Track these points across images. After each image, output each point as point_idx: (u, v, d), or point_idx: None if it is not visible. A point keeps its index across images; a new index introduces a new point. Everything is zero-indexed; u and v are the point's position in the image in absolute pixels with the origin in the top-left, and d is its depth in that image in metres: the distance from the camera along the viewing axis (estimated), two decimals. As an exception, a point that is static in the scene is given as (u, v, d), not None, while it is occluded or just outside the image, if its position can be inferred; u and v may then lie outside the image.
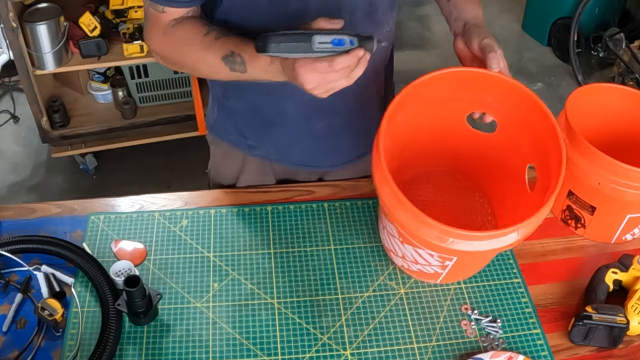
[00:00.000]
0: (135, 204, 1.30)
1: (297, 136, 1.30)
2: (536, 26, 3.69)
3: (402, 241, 1.09)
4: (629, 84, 3.19)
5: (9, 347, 1.05)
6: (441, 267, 1.09)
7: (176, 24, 1.12)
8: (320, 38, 0.90)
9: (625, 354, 1.10)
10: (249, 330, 1.10)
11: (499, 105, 1.12)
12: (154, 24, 1.13)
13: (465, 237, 0.98)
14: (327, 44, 0.90)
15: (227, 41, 1.06)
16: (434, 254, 1.05)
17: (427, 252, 1.06)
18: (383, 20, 1.22)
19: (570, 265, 1.24)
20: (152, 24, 1.14)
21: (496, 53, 1.06)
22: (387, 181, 0.99)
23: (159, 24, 1.12)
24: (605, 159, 1.16)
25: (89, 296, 1.13)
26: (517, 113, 1.10)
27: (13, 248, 1.15)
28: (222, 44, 1.06)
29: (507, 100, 1.10)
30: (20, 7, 2.33)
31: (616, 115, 1.31)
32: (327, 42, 0.90)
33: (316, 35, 0.90)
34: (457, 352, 1.09)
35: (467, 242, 0.98)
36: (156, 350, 1.06)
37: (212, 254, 1.21)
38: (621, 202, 1.20)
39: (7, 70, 2.98)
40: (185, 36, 1.10)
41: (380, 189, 1.03)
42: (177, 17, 1.12)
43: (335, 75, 0.94)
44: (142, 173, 2.81)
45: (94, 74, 2.78)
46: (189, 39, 1.10)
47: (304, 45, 0.90)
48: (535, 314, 1.15)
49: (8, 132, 2.99)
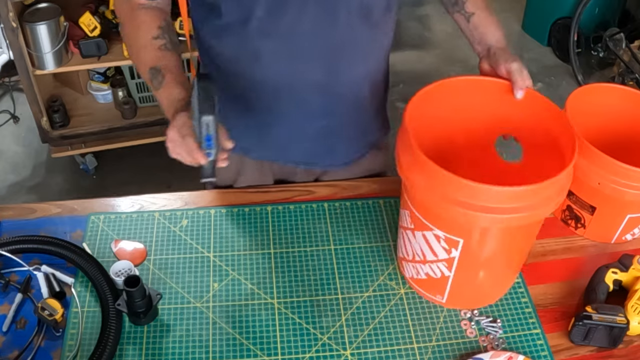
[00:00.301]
0: (135, 204, 1.30)
1: (293, 136, 1.30)
2: (536, 26, 3.69)
3: (414, 228, 1.08)
4: (629, 84, 3.19)
5: (9, 347, 1.05)
6: (447, 264, 1.08)
7: (140, 9, 1.16)
8: (210, 125, 0.95)
9: (625, 354, 1.10)
10: (249, 330, 1.10)
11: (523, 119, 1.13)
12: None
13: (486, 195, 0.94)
14: (205, 130, 0.95)
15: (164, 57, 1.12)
16: (440, 235, 1.03)
17: (434, 236, 1.04)
18: (380, 22, 1.22)
19: (570, 265, 1.24)
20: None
21: (523, 78, 1.11)
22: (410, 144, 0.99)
23: (129, 2, 1.16)
24: (605, 159, 1.16)
25: (89, 296, 1.13)
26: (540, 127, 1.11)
27: (13, 248, 1.15)
28: (159, 57, 1.12)
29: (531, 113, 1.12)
30: (20, 7, 2.33)
31: (616, 115, 1.31)
32: (206, 130, 0.95)
33: (212, 117, 0.95)
34: (457, 352, 1.09)
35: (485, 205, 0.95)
36: (156, 350, 1.06)
37: (212, 254, 1.21)
38: (621, 202, 1.20)
39: (7, 70, 2.98)
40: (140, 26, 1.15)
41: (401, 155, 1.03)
42: (144, 2, 1.16)
43: (181, 148, 1.02)
44: (142, 173, 2.81)
45: (94, 74, 2.78)
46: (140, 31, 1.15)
47: (205, 108, 0.95)
48: (535, 314, 1.15)
49: (8, 132, 2.99)
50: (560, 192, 0.99)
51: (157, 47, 1.13)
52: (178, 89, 1.07)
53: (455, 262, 1.06)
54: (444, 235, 1.03)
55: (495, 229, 1.01)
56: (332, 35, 1.17)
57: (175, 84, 1.08)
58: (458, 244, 1.03)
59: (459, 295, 1.13)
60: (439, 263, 1.08)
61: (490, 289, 1.16)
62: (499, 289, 1.17)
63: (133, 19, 1.16)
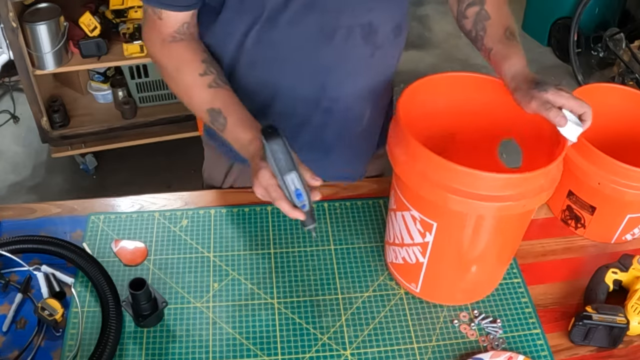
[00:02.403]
0: (135, 204, 1.30)
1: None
2: (536, 26, 3.69)
3: (396, 209, 1.08)
4: (629, 84, 3.19)
5: (9, 347, 1.05)
6: (422, 249, 1.07)
7: (174, 41, 1.11)
8: (294, 180, 0.97)
9: (625, 354, 1.10)
10: (249, 330, 1.10)
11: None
12: (151, 26, 1.13)
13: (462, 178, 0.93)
14: (292, 187, 0.97)
15: (219, 95, 1.09)
16: (417, 216, 1.03)
17: (411, 217, 1.04)
18: (385, 44, 1.19)
19: (570, 265, 1.24)
20: (150, 27, 1.13)
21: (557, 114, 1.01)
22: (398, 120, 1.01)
23: (157, 31, 1.12)
24: (605, 159, 1.16)
25: (89, 296, 1.13)
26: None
27: (13, 248, 1.15)
28: (214, 96, 1.09)
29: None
30: (20, 7, 2.33)
31: (616, 115, 1.31)
32: (293, 186, 0.97)
33: (295, 173, 0.96)
34: (457, 352, 1.09)
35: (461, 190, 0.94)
36: (156, 350, 1.06)
37: (212, 254, 1.21)
38: (621, 202, 1.20)
39: (7, 70, 2.98)
40: (182, 65, 1.11)
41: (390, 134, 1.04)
42: (175, 29, 1.11)
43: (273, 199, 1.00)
44: (142, 173, 2.81)
45: (94, 74, 2.78)
46: (184, 70, 1.11)
47: (283, 167, 0.96)
48: (535, 314, 1.15)
49: (8, 132, 2.99)
50: (546, 188, 0.98)
51: (207, 85, 1.10)
52: (244, 132, 1.06)
53: (429, 248, 1.06)
54: (420, 216, 1.03)
55: (471, 216, 0.99)
56: (325, 52, 1.14)
57: (241, 127, 1.06)
58: (432, 227, 1.03)
59: (433, 286, 1.13)
60: (414, 247, 1.08)
61: (466, 284, 1.14)
62: (476, 286, 1.15)
63: (170, 56, 1.12)
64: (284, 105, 1.21)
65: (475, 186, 0.94)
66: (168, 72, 1.14)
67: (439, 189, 0.95)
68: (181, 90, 1.14)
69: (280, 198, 0.98)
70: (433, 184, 0.95)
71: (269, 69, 1.17)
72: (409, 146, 0.98)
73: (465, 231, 1.02)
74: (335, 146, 1.30)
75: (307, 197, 0.99)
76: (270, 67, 1.17)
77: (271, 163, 0.97)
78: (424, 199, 1.00)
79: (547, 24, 3.59)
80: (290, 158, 0.96)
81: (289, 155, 0.96)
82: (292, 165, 0.96)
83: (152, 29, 1.13)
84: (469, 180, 0.93)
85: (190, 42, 1.14)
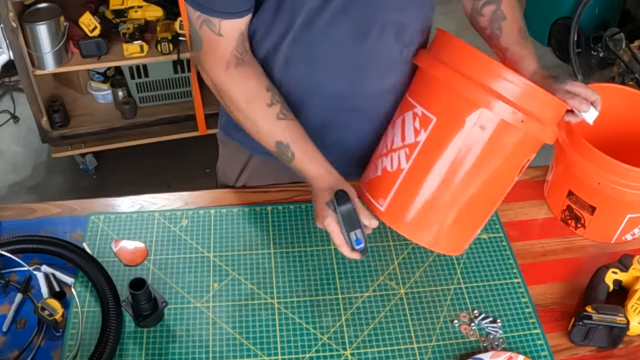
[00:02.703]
0: (135, 204, 1.30)
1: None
2: (536, 26, 3.68)
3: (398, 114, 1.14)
4: (629, 84, 3.19)
5: (9, 347, 1.05)
6: (408, 151, 1.08)
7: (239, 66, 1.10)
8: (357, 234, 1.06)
9: (625, 354, 1.10)
10: (249, 330, 1.10)
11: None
12: (211, 50, 1.09)
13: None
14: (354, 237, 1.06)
15: (287, 128, 1.13)
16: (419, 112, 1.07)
17: (412, 115, 1.08)
18: (413, 42, 1.19)
19: (570, 265, 1.24)
20: (210, 50, 1.10)
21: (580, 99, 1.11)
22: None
23: (218, 52, 1.09)
24: (605, 159, 1.16)
25: (89, 296, 1.13)
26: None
27: (13, 248, 1.15)
28: (282, 129, 1.13)
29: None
30: (20, 7, 2.33)
31: (616, 115, 1.31)
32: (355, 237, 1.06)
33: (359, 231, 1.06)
34: (457, 352, 1.09)
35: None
36: (156, 350, 1.06)
37: (212, 254, 1.21)
38: (621, 202, 1.20)
39: (7, 70, 2.98)
40: (248, 93, 1.12)
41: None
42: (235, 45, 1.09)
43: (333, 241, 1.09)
44: (142, 173, 2.81)
45: (94, 74, 2.78)
46: (251, 99, 1.12)
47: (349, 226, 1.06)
48: (535, 314, 1.15)
49: (8, 132, 2.99)
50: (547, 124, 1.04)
51: (275, 117, 1.12)
52: (311, 167, 1.13)
53: (417, 149, 1.07)
54: (422, 111, 1.06)
55: (472, 118, 1.02)
56: (358, 51, 1.15)
57: (307, 162, 1.13)
58: (430, 123, 1.05)
59: (402, 204, 1.09)
60: (401, 151, 1.09)
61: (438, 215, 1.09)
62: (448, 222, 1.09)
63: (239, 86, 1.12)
64: (314, 104, 1.22)
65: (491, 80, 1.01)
66: (236, 103, 1.14)
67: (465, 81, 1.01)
68: (250, 122, 1.15)
69: (342, 245, 1.07)
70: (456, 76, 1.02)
71: (303, 69, 1.17)
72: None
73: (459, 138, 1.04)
74: (359, 146, 1.31)
75: (364, 237, 1.06)
76: (304, 67, 1.17)
77: (339, 220, 1.06)
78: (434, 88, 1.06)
79: (547, 24, 3.59)
80: (357, 217, 1.05)
81: (356, 214, 1.05)
82: (358, 223, 1.05)
83: (212, 52, 1.09)
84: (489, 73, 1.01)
85: (252, 64, 1.13)
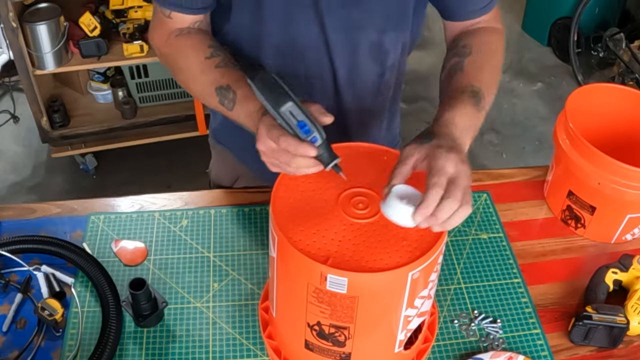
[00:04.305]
0: (135, 204, 1.30)
1: None
2: (536, 26, 3.69)
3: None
4: (629, 84, 3.19)
5: (9, 347, 1.05)
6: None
7: (180, 35, 1.10)
8: (293, 109, 0.83)
9: (625, 354, 1.10)
10: (249, 330, 1.10)
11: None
12: (158, 24, 1.13)
13: None
14: (293, 119, 0.83)
15: (227, 73, 1.02)
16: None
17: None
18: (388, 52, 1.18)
19: (570, 265, 1.24)
20: (157, 24, 1.13)
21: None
22: None
23: (164, 27, 1.11)
24: (605, 159, 1.16)
25: (89, 296, 1.13)
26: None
27: (13, 248, 1.15)
28: (222, 74, 1.03)
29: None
30: (20, 7, 2.33)
31: (616, 115, 1.31)
32: (294, 118, 0.83)
33: (291, 103, 0.83)
34: (457, 352, 1.09)
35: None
36: (156, 350, 1.06)
37: (212, 254, 1.21)
38: (621, 202, 1.20)
39: (7, 70, 2.98)
40: (187, 51, 1.08)
41: None
42: (183, 28, 1.10)
43: (282, 155, 0.86)
44: (142, 173, 2.81)
45: (94, 74, 2.78)
46: (190, 55, 1.07)
47: (276, 99, 0.83)
48: (535, 314, 1.15)
49: (8, 132, 2.99)
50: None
51: (214, 66, 1.04)
52: (254, 101, 0.94)
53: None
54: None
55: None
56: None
57: (252, 98, 0.94)
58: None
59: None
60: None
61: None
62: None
63: (174, 45, 1.09)
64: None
65: None
66: (173, 62, 1.10)
67: None
68: (188, 76, 1.08)
69: (282, 134, 0.84)
70: None
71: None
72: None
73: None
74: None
75: (317, 129, 0.84)
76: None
77: (263, 103, 0.85)
78: None
79: (547, 24, 3.59)
80: (285, 90, 0.83)
81: (282, 88, 0.83)
82: (288, 96, 0.83)
83: (159, 26, 1.12)
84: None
85: (198, 33, 1.10)
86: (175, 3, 1.07)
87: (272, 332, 1.03)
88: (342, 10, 1.08)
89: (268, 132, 0.86)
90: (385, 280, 0.83)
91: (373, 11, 1.11)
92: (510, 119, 3.19)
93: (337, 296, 0.83)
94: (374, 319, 0.87)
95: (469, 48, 1.11)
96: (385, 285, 0.84)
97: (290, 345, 0.98)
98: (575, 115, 1.22)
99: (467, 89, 1.00)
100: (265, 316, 1.05)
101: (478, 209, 1.32)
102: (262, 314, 1.05)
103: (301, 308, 0.88)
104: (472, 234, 1.27)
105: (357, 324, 0.86)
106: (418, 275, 0.83)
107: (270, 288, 0.97)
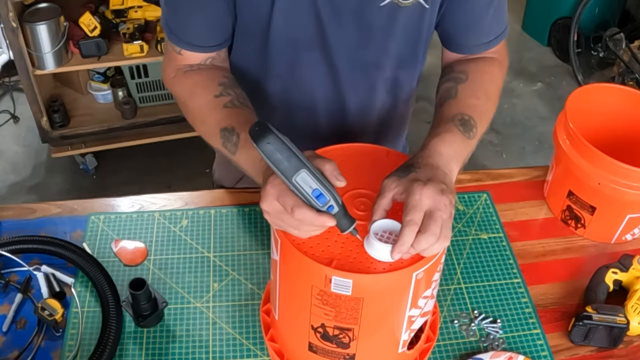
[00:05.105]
0: (135, 204, 1.30)
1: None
2: (536, 26, 3.69)
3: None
4: (629, 84, 3.20)
5: (9, 347, 1.05)
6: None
7: (190, 71, 1.08)
8: (307, 178, 0.77)
9: (625, 354, 1.10)
10: (249, 330, 1.10)
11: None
12: (168, 59, 1.11)
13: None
14: (308, 188, 0.78)
15: (234, 114, 0.98)
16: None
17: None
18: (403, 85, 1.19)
19: (570, 265, 1.24)
20: (168, 59, 1.12)
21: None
22: None
23: (174, 63, 1.10)
24: (605, 159, 1.16)
25: (89, 296, 1.13)
26: None
27: (13, 248, 1.15)
28: (228, 115, 0.98)
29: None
30: (20, 7, 2.33)
31: (616, 115, 1.31)
32: (309, 187, 0.78)
33: (305, 171, 0.77)
34: (457, 352, 1.09)
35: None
36: (156, 350, 1.06)
37: (212, 254, 1.21)
38: (621, 202, 1.20)
39: (7, 70, 2.98)
40: (196, 89, 1.05)
41: None
42: (192, 64, 1.08)
43: (290, 220, 0.80)
44: (142, 173, 2.81)
45: (94, 74, 2.78)
46: (199, 94, 1.04)
47: (288, 168, 0.77)
48: (535, 314, 1.15)
49: (8, 132, 2.99)
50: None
51: (222, 106, 0.99)
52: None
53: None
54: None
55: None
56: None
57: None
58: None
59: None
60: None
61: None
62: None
63: (183, 83, 1.06)
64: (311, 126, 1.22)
65: None
66: (182, 100, 1.06)
67: None
68: (195, 117, 1.03)
69: (297, 205, 0.78)
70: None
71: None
72: None
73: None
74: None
75: (333, 196, 0.78)
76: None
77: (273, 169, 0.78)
78: None
79: (547, 24, 3.59)
80: (294, 155, 0.76)
81: (292, 152, 0.76)
82: (300, 162, 0.77)
83: (170, 61, 1.11)
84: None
85: (209, 69, 1.07)
86: (185, 41, 1.05)
87: (274, 335, 1.03)
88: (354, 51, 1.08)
89: (279, 198, 0.80)
90: (389, 281, 0.83)
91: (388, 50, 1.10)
92: (510, 119, 3.19)
93: (342, 298, 0.83)
94: (378, 319, 0.87)
95: (464, 74, 1.08)
96: (389, 286, 0.84)
97: (293, 348, 0.98)
98: (575, 115, 1.22)
99: (457, 117, 0.98)
100: (267, 319, 1.04)
101: (478, 209, 1.32)
102: (264, 317, 1.05)
103: (305, 310, 0.88)
104: (472, 234, 1.27)
105: (361, 325, 0.86)
106: (422, 275, 0.84)
107: (273, 291, 0.97)
